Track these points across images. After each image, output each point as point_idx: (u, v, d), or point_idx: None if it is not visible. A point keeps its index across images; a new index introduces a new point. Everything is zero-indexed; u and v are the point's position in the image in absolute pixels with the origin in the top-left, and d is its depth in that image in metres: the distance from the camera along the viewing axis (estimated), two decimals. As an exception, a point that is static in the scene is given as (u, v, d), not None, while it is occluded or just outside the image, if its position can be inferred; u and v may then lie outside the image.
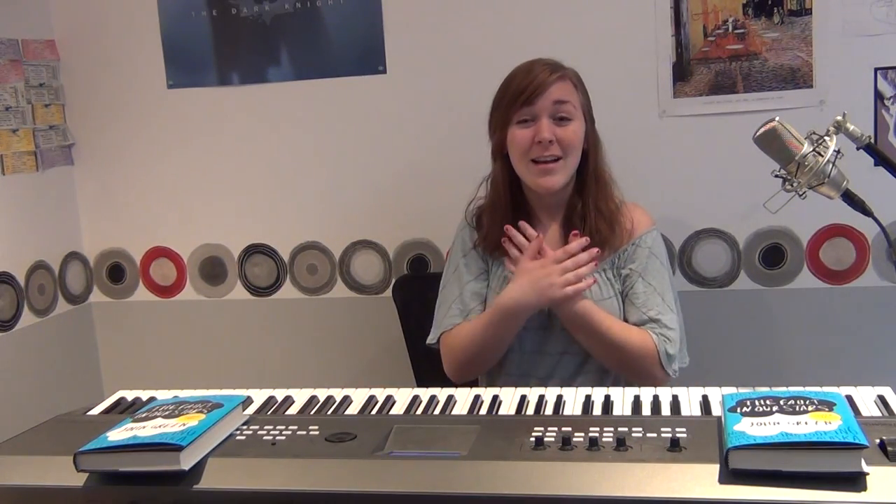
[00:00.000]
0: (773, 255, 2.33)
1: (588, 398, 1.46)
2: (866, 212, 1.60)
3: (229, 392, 1.50)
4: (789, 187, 1.57)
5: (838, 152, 1.55)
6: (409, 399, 1.51)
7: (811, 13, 2.19)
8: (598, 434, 1.22)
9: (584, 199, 1.89)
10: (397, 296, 2.39)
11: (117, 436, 1.26)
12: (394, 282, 2.50)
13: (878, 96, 2.19)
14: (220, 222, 2.65)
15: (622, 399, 1.45)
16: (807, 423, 1.13)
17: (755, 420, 1.16)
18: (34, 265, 2.56)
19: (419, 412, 1.46)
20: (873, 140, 1.62)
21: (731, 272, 2.37)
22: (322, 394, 1.56)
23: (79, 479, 1.23)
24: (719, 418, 1.25)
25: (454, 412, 1.46)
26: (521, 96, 1.83)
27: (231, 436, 1.33)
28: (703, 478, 1.11)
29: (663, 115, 2.31)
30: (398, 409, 1.49)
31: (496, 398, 1.49)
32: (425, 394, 1.53)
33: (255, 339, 2.68)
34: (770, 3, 2.21)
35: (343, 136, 2.52)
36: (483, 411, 1.45)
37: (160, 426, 1.28)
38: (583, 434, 1.22)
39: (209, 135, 2.60)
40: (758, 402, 1.22)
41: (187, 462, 1.21)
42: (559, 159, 1.83)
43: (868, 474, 1.07)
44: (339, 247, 2.59)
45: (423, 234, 2.53)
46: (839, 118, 1.58)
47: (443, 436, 1.31)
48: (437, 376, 1.98)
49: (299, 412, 1.50)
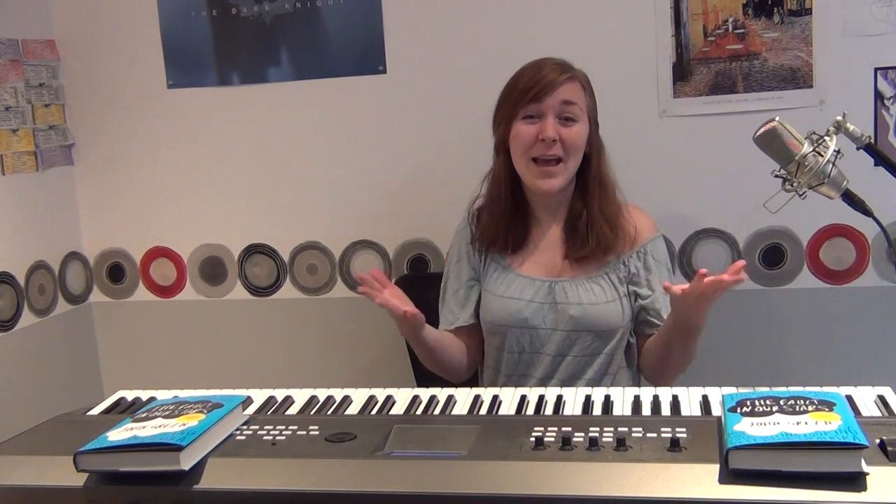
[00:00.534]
0: (773, 255, 2.33)
1: (588, 398, 1.46)
2: (866, 212, 1.60)
3: (229, 392, 1.50)
4: (789, 187, 1.57)
5: (838, 152, 1.55)
6: (409, 399, 1.51)
7: (811, 13, 2.19)
8: (598, 434, 1.22)
9: (588, 204, 1.88)
10: (397, 296, 2.39)
11: (117, 436, 1.26)
12: (394, 282, 2.49)
13: (878, 96, 2.19)
14: (220, 222, 2.65)
15: (622, 399, 1.45)
16: (807, 423, 1.13)
17: (755, 420, 1.16)
18: (34, 265, 2.56)
19: (419, 412, 1.46)
20: (873, 140, 1.62)
21: (731, 272, 2.36)
22: (322, 394, 1.56)
23: (79, 479, 1.24)
24: (719, 418, 1.25)
25: (454, 412, 1.46)
26: (529, 92, 1.82)
27: (231, 436, 1.33)
28: (703, 478, 1.11)
29: (663, 115, 2.31)
30: (398, 409, 1.49)
31: (496, 398, 1.49)
32: (425, 394, 1.53)
33: (255, 339, 2.68)
34: (770, 3, 2.21)
35: (343, 136, 2.51)
36: (483, 411, 1.45)
37: (160, 426, 1.28)
38: (583, 434, 1.22)
39: (209, 135, 2.60)
40: (758, 402, 1.22)
41: (187, 462, 1.21)
42: (560, 161, 1.83)
43: (868, 474, 1.07)
44: (339, 247, 2.59)
45: (423, 234, 2.53)
46: (839, 118, 1.58)
47: (443, 436, 1.31)
48: (437, 376, 1.98)
49: (299, 412, 1.50)
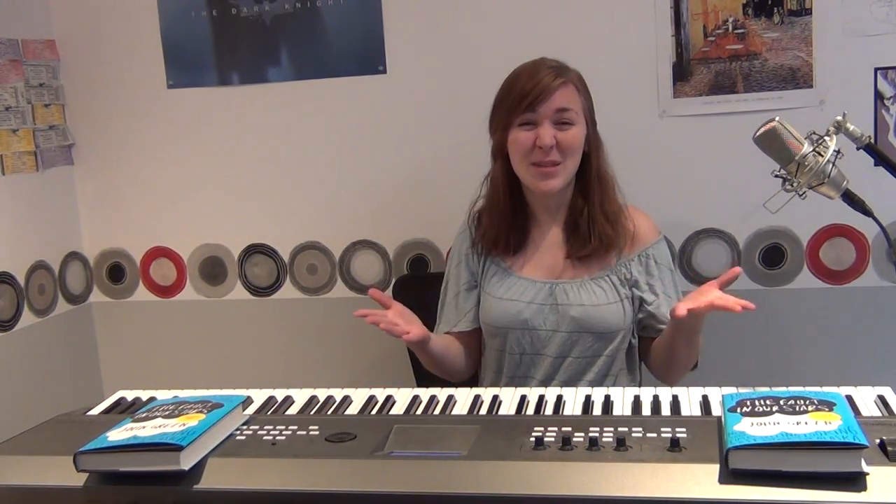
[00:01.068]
0: (773, 255, 2.33)
1: (588, 398, 1.46)
2: (866, 212, 1.60)
3: (229, 392, 1.50)
4: (789, 187, 1.57)
5: (838, 152, 1.55)
6: (409, 399, 1.51)
7: (811, 13, 2.19)
8: (598, 434, 1.22)
9: (588, 202, 1.88)
10: (397, 296, 2.38)
11: (117, 436, 1.26)
12: (394, 282, 2.50)
13: (878, 96, 2.19)
14: (220, 222, 2.65)
15: (622, 399, 1.45)
16: (807, 423, 1.13)
17: (755, 420, 1.16)
18: (34, 265, 2.56)
19: (419, 412, 1.46)
20: (873, 140, 1.62)
21: (731, 272, 2.36)
22: (322, 394, 1.56)
23: (79, 479, 1.24)
24: (719, 418, 1.25)
25: (454, 412, 1.46)
26: (523, 101, 1.81)
27: (231, 436, 1.33)
28: (703, 478, 1.11)
29: (663, 115, 2.31)
30: (398, 409, 1.49)
31: (496, 398, 1.49)
32: (425, 394, 1.53)
33: (255, 339, 2.68)
34: (770, 3, 2.21)
35: (343, 136, 2.51)
36: (483, 411, 1.45)
37: (160, 426, 1.28)
38: (583, 434, 1.22)
39: (209, 135, 2.60)
40: (758, 402, 1.22)
41: (187, 462, 1.21)
42: (558, 164, 1.83)
43: (868, 474, 1.07)
44: (339, 247, 2.59)
45: (423, 234, 2.53)
46: (839, 118, 1.58)
47: (443, 436, 1.31)
48: (437, 376, 1.98)
49: (299, 412, 1.50)
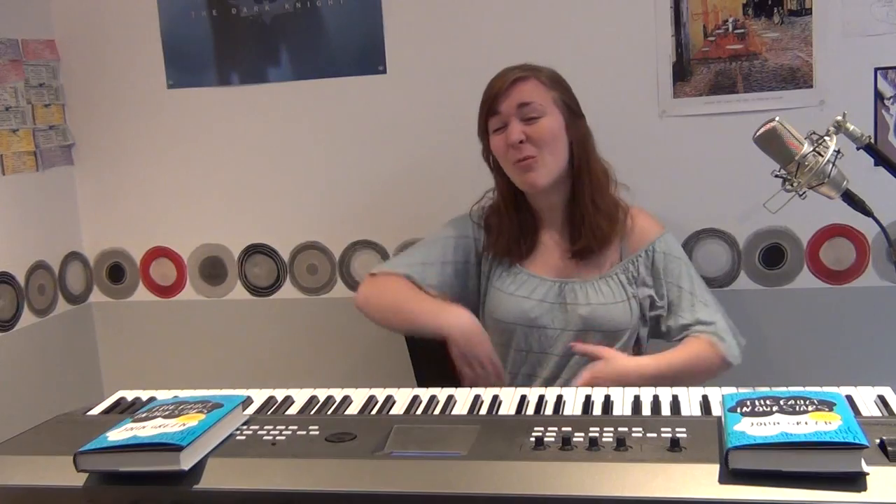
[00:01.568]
0: (773, 255, 2.33)
1: (588, 398, 1.46)
2: (866, 212, 1.60)
3: (229, 392, 1.50)
4: (789, 187, 1.57)
5: (838, 152, 1.55)
6: (409, 399, 1.51)
7: (811, 13, 2.19)
8: (598, 434, 1.22)
9: (579, 195, 1.89)
10: (397, 296, 2.39)
11: (117, 436, 1.26)
12: (394, 282, 2.50)
13: (878, 96, 2.19)
14: (220, 222, 2.65)
15: (622, 399, 1.45)
16: (807, 423, 1.13)
17: (755, 420, 1.16)
18: (34, 265, 2.56)
19: (419, 412, 1.46)
20: (873, 140, 1.62)
21: (731, 272, 2.36)
22: (322, 394, 1.56)
23: (79, 479, 1.23)
24: (719, 418, 1.25)
25: (454, 412, 1.46)
26: (485, 106, 1.88)
27: (231, 436, 1.33)
28: (703, 478, 1.10)
29: (663, 115, 2.31)
30: (398, 409, 1.49)
31: (496, 398, 1.49)
32: (425, 394, 1.53)
33: (255, 339, 2.68)
34: (770, 3, 2.21)
35: (343, 136, 2.51)
36: (483, 411, 1.45)
37: (160, 426, 1.28)
38: (583, 434, 1.22)
39: (209, 135, 2.60)
40: (758, 402, 1.22)
41: (187, 462, 1.21)
42: (534, 156, 1.84)
43: (868, 474, 1.07)
44: (339, 247, 2.58)
45: (422, 234, 2.51)
46: (839, 118, 1.58)
47: (443, 436, 1.31)
48: (438, 376, 1.98)
49: (299, 412, 1.50)
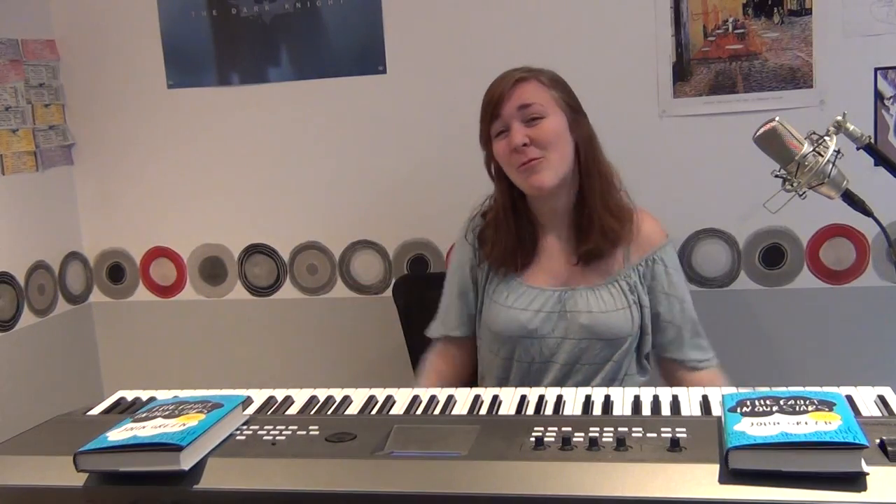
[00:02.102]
0: (773, 255, 2.33)
1: (588, 398, 1.45)
2: (866, 212, 1.60)
3: (229, 392, 1.50)
4: (789, 187, 1.57)
5: (838, 152, 1.55)
6: (409, 399, 1.51)
7: (811, 13, 2.19)
8: (598, 434, 1.22)
9: (590, 196, 1.85)
10: (397, 296, 2.39)
11: (117, 436, 1.26)
12: (394, 282, 2.50)
13: (878, 96, 2.19)
14: (220, 222, 2.65)
15: (622, 399, 1.45)
16: (807, 423, 1.13)
17: (755, 420, 1.16)
18: (34, 265, 2.56)
19: (419, 412, 1.46)
20: (873, 140, 1.61)
21: (731, 272, 2.37)
22: (322, 394, 1.56)
23: (79, 479, 1.23)
24: (719, 418, 1.25)
25: (454, 412, 1.46)
26: (486, 111, 1.85)
27: (231, 436, 1.33)
28: (703, 478, 1.10)
29: (663, 115, 2.31)
30: (398, 409, 1.48)
31: (496, 398, 1.49)
32: (425, 394, 1.53)
33: (255, 339, 2.68)
34: (770, 3, 2.21)
35: (343, 136, 2.52)
36: (483, 411, 1.45)
37: (160, 426, 1.28)
38: (583, 434, 1.22)
39: (209, 135, 2.60)
40: (758, 402, 1.22)
41: (187, 462, 1.21)
42: (540, 157, 1.80)
43: (868, 474, 1.06)
44: (339, 247, 2.59)
45: (423, 234, 2.53)
46: (839, 118, 1.58)
47: (443, 436, 1.31)
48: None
49: (299, 412, 1.50)
